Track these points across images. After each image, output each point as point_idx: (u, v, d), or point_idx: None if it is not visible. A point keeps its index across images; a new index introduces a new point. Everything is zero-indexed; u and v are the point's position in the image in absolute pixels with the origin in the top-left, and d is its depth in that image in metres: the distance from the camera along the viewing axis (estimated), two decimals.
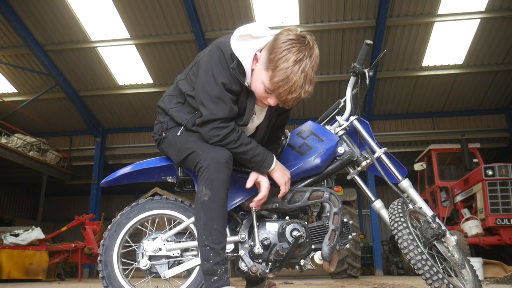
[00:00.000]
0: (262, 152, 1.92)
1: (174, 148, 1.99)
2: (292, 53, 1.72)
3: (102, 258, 2.08)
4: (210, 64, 1.83)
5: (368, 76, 2.15)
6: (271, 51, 1.75)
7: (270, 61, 1.75)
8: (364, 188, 2.20)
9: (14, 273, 7.55)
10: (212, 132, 1.83)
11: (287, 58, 1.71)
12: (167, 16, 10.35)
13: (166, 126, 2.04)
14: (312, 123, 2.24)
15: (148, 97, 12.78)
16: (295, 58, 1.71)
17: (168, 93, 2.11)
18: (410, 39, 10.66)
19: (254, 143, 1.92)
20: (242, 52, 1.80)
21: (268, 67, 1.76)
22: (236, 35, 1.81)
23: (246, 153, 1.88)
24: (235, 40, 1.80)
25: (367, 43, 2.14)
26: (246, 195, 2.07)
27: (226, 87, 1.81)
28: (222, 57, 1.81)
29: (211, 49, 1.86)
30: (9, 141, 11.45)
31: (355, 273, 7.38)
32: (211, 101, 1.81)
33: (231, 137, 1.84)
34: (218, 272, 1.77)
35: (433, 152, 9.82)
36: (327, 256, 1.92)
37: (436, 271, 1.79)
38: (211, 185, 1.79)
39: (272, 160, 1.94)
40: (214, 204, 1.80)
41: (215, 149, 1.85)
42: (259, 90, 1.84)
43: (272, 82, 1.76)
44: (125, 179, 2.23)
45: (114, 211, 11.68)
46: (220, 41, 1.87)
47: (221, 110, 1.81)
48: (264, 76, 1.79)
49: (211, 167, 1.80)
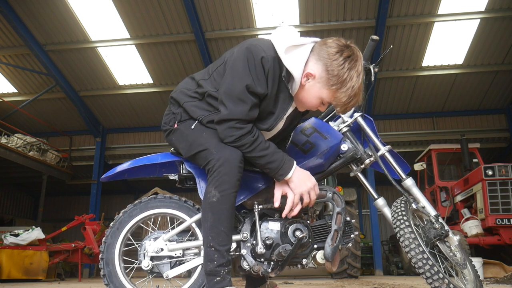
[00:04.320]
0: (279, 159, 1.86)
1: (186, 141, 1.96)
2: (352, 69, 1.79)
3: (104, 256, 2.06)
4: (237, 65, 1.81)
5: (373, 72, 2.14)
6: (332, 72, 1.79)
7: (334, 82, 1.80)
8: (367, 185, 2.18)
9: (14, 273, 7.55)
10: (228, 131, 1.82)
11: (351, 77, 1.78)
12: (167, 16, 10.35)
13: (179, 117, 2.00)
14: (315, 120, 2.22)
15: (148, 97, 12.78)
16: (356, 74, 1.79)
17: (183, 87, 2.06)
18: (410, 39, 10.66)
19: (272, 149, 1.86)
20: (294, 65, 1.83)
21: (331, 88, 1.81)
22: (283, 47, 1.81)
23: (260, 159, 1.85)
24: (284, 54, 1.81)
25: (373, 38, 2.12)
26: (249, 193, 2.05)
27: (250, 89, 1.79)
28: (252, 60, 1.79)
29: (240, 51, 1.84)
30: (9, 141, 11.45)
31: (355, 273, 7.38)
32: (232, 101, 1.80)
33: (245, 139, 1.82)
34: (221, 273, 1.75)
35: (433, 152, 9.82)
36: (330, 256, 1.92)
37: (437, 271, 1.78)
38: (221, 187, 1.78)
39: (289, 169, 1.87)
40: (223, 206, 1.78)
41: (228, 149, 1.83)
42: (314, 103, 1.90)
43: (340, 101, 1.83)
44: (126, 174, 2.21)
45: (114, 211, 11.69)
46: (251, 43, 1.84)
47: (240, 110, 1.79)
48: (325, 94, 1.84)
49: (222, 168, 1.78)
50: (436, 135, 12.93)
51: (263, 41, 1.86)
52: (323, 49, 1.81)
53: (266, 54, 1.79)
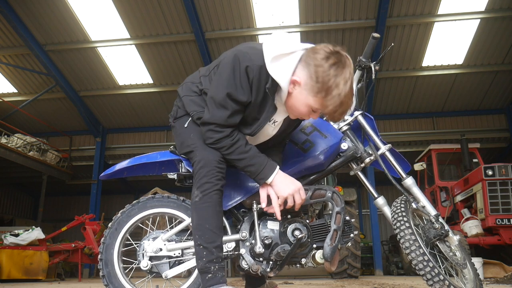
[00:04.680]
0: (259, 163, 1.87)
1: (178, 140, 2.04)
2: (339, 76, 1.71)
3: (103, 257, 2.07)
4: (224, 72, 1.83)
5: (374, 70, 2.12)
6: (317, 79, 1.73)
7: (318, 89, 1.74)
8: (367, 184, 2.17)
9: (14, 273, 7.55)
10: (208, 133, 1.87)
11: (337, 84, 1.71)
12: (167, 16, 10.35)
13: (176, 114, 2.07)
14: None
15: (148, 97, 12.77)
16: (343, 81, 1.71)
17: (189, 80, 2.11)
18: (410, 39, 10.65)
19: (252, 153, 1.87)
20: (280, 74, 1.78)
21: (317, 95, 1.75)
22: (269, 56, 1.78)
23: (239, 161, 1.88)
24: (270, 62, 1.78)
25: (374, 36, 2.09)
26: (246, 192, 2.05)
27: (232, 97, 1.81)
28: (237, 68, 1.79)
29: (229, 57, 1.84)
30: (9, 141, 11.45)
31: (355, 273, 7.38)
32: (214, 105, 1.84)
33: (223, 142, 1.85)
34: (212, 270, 1.79)
35: (433, 152, 9.81)
36: (329, 256, 1.91)
37: (437, 273, 1.78)
38: (202, 187, 1.84)
39: (270, 173, 1.87)
40: (205, 204, 1.84)
41: (208, 151, 1.89)
42: (303, 111, 1.83)
43: (327, 109, 1.77)
44: (125, 172, 2.22)
45: (114, 211, 11.66)
46: (240, 50, 1.84)
47: (220, 116, 1.83)
48: (312, 102, 1.77)
49: (202, 170, 1.85)
50: (436, 135, 12.93)
51: (254, 49, 1.84)
52: (310, 55, 1.77)
53: (252, 63, 1.78)
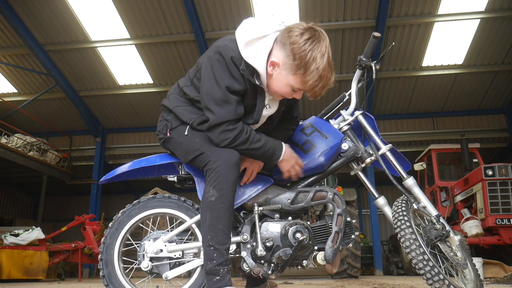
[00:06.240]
0: (272, 146, 1.93)
1: (181, 149, 1.99)
2: (315, 50, 1.74)
3: (103, 257, 2.06)
4: (211, 69, 1.83)
5: (375, 70, 2.11)
6: (293, 56, 1.76)
7: (297, 67, 1.76)
8: (368, 184, 2.17)
9: (14, 273, 7.54)
10: (222, 136, 1.84)
11: (314, 58, 1.74)
12: (167, 16, 10.34)
13: (170, 125, 2.03)
14: (315, 119, 2.19)
15: (148, 97, 12.77)
16: (320, 54, 1.75)
17: (173, 92, 2.10)
18: (410, 39, 10.65)
19: (264, 139, 1.92)
20: (255, 59, 1.81)
21: (297, 73, 1.78)
22: (242, 42, 1.81)
23: (257, 150, 1.90)
24: (243, 48, 1.80)
25: (374, 35, 2.08)
26: (249, 194, 2.05)
27: (230, 89, 1.81)
28: (222, 61, 1.81)
29: (210, 54, 1.86)
30: (9, 141, 11.44)
31: (355, 273, 7.37)
32: (217, 105, 1.82)
33: (240, 138, 1.84)
34: (221, 272, 1.77)
35: (433, 152, 9.81)
36: (330, 258, 1.91)
37: (437, 272, 1.77)
38: (220, 186, 1.80)
39: (280, 152, 1.95)
40: (221, 205, 1.81)
41: (225, 150, 1.86)
42: (285, 91, 1.87)
43: (307, 85, 1.80)
44: (124, 175, 2.21)
45: (114, 211, 11.66)
46: (218, 45, 1.86)
47: (228, 112, 1.81)
48: (293, 80, 1.81)
49: (221, 168, 1.81)
50: (436, 135, 12.93)
51: (231, 40, 1.87)
52: (285, 35, 1.79)
53: (235, 53, 1.81)
